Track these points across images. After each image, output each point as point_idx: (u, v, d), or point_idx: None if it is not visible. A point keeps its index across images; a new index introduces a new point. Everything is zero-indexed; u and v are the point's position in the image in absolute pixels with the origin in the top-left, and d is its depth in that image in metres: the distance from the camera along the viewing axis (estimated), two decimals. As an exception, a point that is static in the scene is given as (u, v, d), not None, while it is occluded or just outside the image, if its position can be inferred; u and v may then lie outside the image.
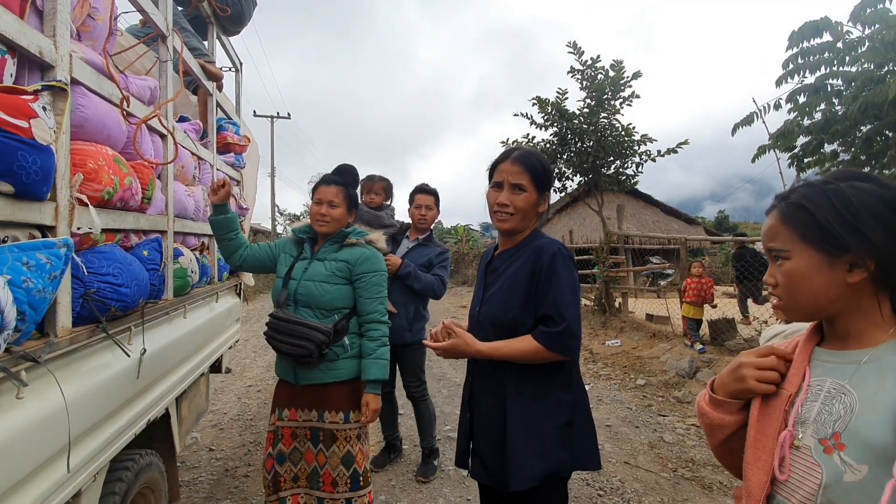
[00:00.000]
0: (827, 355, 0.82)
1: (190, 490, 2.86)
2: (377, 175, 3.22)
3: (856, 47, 4.76)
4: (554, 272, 1.36)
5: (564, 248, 1.43)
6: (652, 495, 2.91)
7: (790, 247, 0.80)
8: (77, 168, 1.28)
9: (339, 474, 1.93)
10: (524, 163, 1.43)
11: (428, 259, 3.00)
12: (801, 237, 0.79)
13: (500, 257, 1.51)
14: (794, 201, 0.81)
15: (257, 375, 5.54)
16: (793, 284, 0.80)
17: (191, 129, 2.32)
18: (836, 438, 0.73)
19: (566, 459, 1.36)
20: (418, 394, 3.07)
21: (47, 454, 1.10)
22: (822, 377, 0.80)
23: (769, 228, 0.84)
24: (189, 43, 2.45)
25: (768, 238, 0.84)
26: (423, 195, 3.07)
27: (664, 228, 17.36)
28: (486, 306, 1.48)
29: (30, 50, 1.12)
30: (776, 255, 0.83)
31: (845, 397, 0.75)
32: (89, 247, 1.40)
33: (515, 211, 1.43)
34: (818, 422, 0.77)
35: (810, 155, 5.45)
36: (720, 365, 5.41)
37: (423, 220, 3.06)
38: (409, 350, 3.01)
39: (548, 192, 1.48)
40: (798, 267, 0.79)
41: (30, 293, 1.02)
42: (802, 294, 0.80)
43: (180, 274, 2.04)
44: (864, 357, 0.76)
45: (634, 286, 9.79)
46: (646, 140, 8.15)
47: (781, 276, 0.82)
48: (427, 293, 2.95)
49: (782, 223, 0.82)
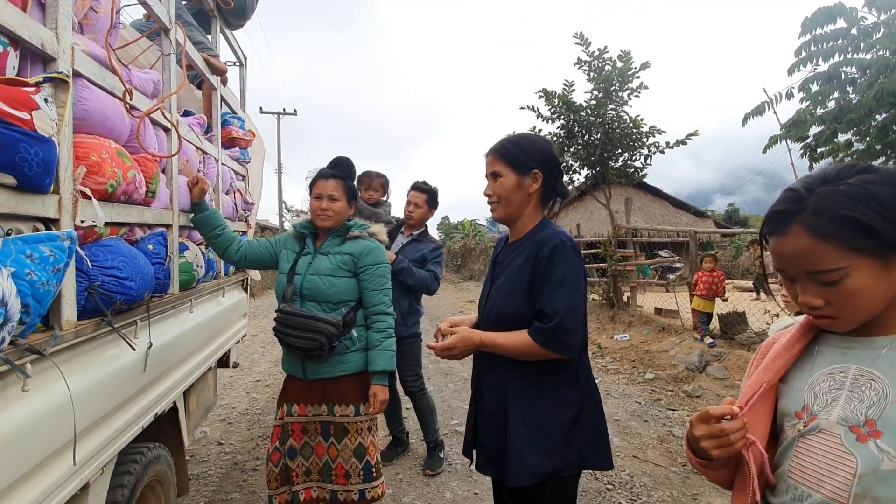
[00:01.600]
0: (847, 342, 0.79)
1: (199, 483, 2.89)
2: (374, 171, 3.24)
3: (871, 34, 4.64)
4: (552, 265, 1.32)
5: (567, 238, 1.38)
6: (661, 490, 2.89)
7: (845, 262, 0.71)
8: (80, 161, 1.27)
9: (352, 467, 1.93)
10: (496, 150, 1.45)
11: (422, 255, 3.02)
12: (853, 249, 0.71)
13: (507, 250, 1.50)
14: (830, 214, 0.72)
15: (266, 370, 5.57)
16: (857, 301, 0.73)
17: (195, 124, 2.32)
18: (871, 426, 0.71)
19: (572, 459, 1.33)
20: (416, 388, 3.08)
21: (53, 447, 1.11)
22: (845, 363, 0.77)
23: (803, 252, 0.73)
24: (192, 37, 2.44)
25: (807, 262, 0.73)
26: (415, 192, 3.12)
27: (673, 222, 17.21)
28: (491, 300, 1.46)
29: (32, 42, 1.12)
30: (824, 280, 0.73)
31: (875, 383, 0.73)
32: (94, 240, 1.40)
33: (498, 198, 1.44)
34: (847, 409, 0.74)
35: (824, 145, 5.34)
36: (730, 359, 5.35)
37: (410, 216, 3.10)
38: (405, 344, 3.01)
39: (534, 170, 1.42)
40: (861, 281, 0.72)
41: (34, 286, 1.02)
42: (866, 307, 0.73)
43: (186, 268, 2.04)
44: (887, 344, 0.74)
45: (643, 280, 9.71)
46: (654, 132, 8.05)
47: (840, 295, 0.73)
48: (420, 289, 2.97)
49: (823, 240, 0.72)
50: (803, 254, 0.74)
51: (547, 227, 1.45)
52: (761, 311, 6.27)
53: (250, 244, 2.12)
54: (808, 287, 0.76)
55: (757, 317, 6.33)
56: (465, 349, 1.39)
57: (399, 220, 3.25)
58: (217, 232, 2.06)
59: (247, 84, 3.49)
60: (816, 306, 0.75)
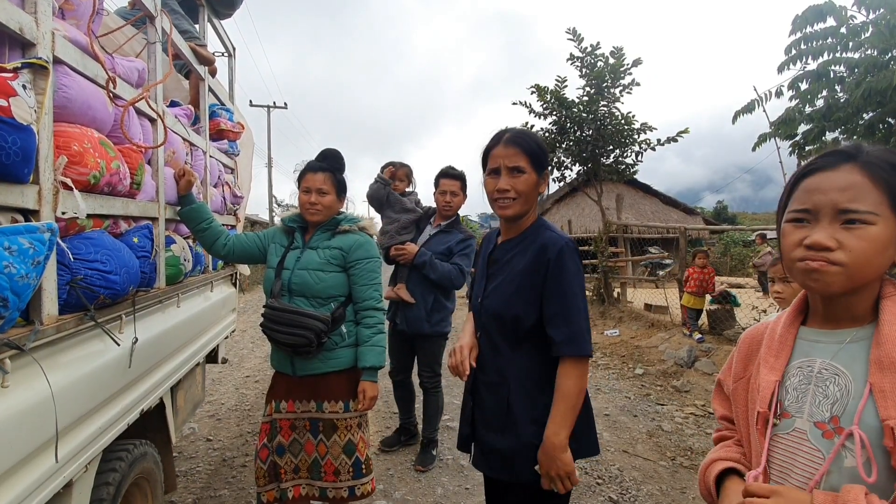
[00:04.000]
0: (815, 334, 0.78)
1: (187, 480, 2.85)
2: (399, 161, 3.19)
3: (859, 32, 4.70)
4: (562, 278, 1.31)
5: (570, 243, 1.37)
6: (650, 483, 2.91)
7: (880, 211, 0.70)
8: (61, 150, 1.23)
9: (341, 463, 1.91)
10: (519, 144, 1.35)
11: (447, 247, 2.90)
12: (892, 201, 0.70)
13: (503, 247, 1.46)
14: (887, 159, 0.71)
15: (255, 366, 5.53)
16: (870, 252, 0.70)
17: (182, 115, 2.27)
18: (836, 422, 0.71)
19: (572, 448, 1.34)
20: (430, 385, 3.04)
21: (34, 445, 1.08)
22: (811, 357, 0.77)
23: (849, 185, 0.71)
24: (179, 25, 2.39)
25: (848, 197, 0.71)
26: (448, 179, 2.92)
27: (663, 218, 17.34)
28: (488, 299, 1.44)
29: (9, 26, 1.08)
30: (853, 218, 0.70)
31: (839, 378, 0.72)
32: (76, 233, 1.36)
33: (518, 195, 1.36)
34: (813, 404, 0.73)
35: (812, 143, 5.40)
36: (718, 354, 5.41)
37: (448, 207, 2.93)
38: (428, 341, 2.97)
39: (546, 171, 1.42)
40: (882, 235, 0.70)
41: (12, 279, 0.98)
42: (871, 265, 0.71)
43: (173, 262, 2.00)
44: (849, 336, 0.74)
45: (633, 276, 9.78)
46: (645, 129, 8.08)
47: (857, 240, 0.70)
48: (444, 283, 2.84)
49: (873, 182, 0.70)
50: (848, 187, 0.71)
51: (545, 227, 1.42)
52: (749, 307, 6.35)
53: (238, 238, 2.09)
54: (826, 227, 0.72)
55: (745, 313, 6.41)
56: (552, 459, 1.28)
57: (428, 209, 3.15)
58: (204, 226, 2.02)
59: (235, 75, 3.43)
60: (827, 246, 0.71)
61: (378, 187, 3.07)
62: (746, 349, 0.89)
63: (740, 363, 0.89)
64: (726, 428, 0.95)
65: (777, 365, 0.80)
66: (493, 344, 1.42)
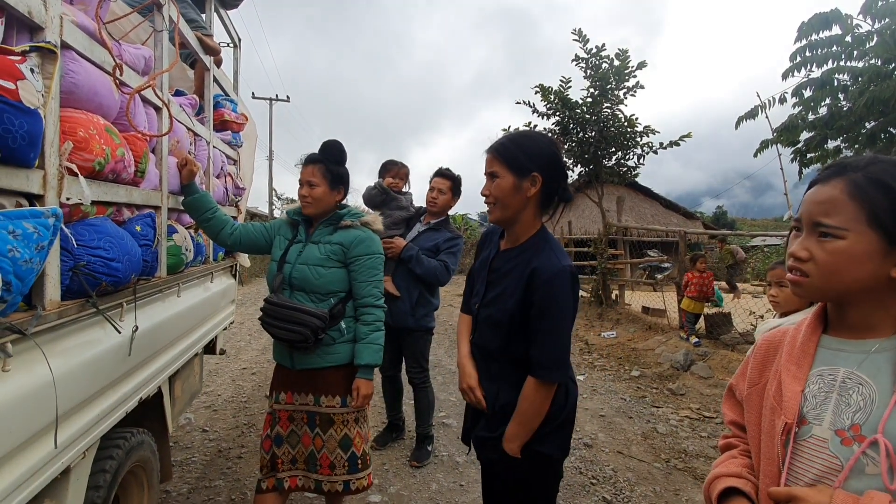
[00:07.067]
0: (838, 343, 0.78)
1: (183, 470, 2.85)
2: (399, 161, 3.25)
3: (864, 42, 4.71)
4: (551, 300, 1.30)
5: (565, 269, 1.31)
6: (644, 485, 2.92)
7: (850, 226, 0.72)
8: (67, 136, 1.23)
9: (337, 458, 1.91)
10: (495, 149, 1.39)
11: (435, 244, 2.95)
12: (869, 218, 0.71)
13: (505, 256, 1.46)
14: (874, 177, 0.72)
15: (252, 358, 5.53)
16: (836, 265, 0.73)
17: (187, 104, 2.26)
18: (856, 430, 0.71)
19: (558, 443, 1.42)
20: (419, 380, 3.07)
21: (34, 429, 1.07)
22: (835, 366, 0.77)
23: (826, 200, 0.74)
24: (186, 14, 2.38)
25: (822, 212, 0.74)
26: (439, 178, 3.03)
27: (663, 222, 17.36)
28: (486, 308, 1.45)
29: (18, 9, 1.07)
30: (825, 232, 0.73)
31: (863, 387, 0.72)
32: (80, 219, 1.36)
33: (495, 200, 1.38)
34: (835, 413, 0.74)
35: (813, 150, 5.42)
36: (714, 358, 5.43)
37: (433, 203, 3.02)
38: (413, 336, 2.99)
39: (533, 173, 1.35)
40: (852, 249, 0.72)
41: (16, 263, 0.98)
42: (841, 278, 0.73)
43: (174, 251, 2.00)
44: (874, 346, 0.74)
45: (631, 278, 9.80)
46: (648, 131, 8.09)
47: (823, 253, 0.73)
48: (429, 278, 2.90)
49: (849, 198, 0.72)
50: (825, 201, 0.74)
51: (545, 245, 1.38)
52: (746, 311, 6.37)
53: (245, 227, 2.08)
54: (804, 239, 0.77)
55: (742, 318, 6.43)
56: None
57: (419, 208, 3.22)
58: (209, 215, 2.02)
59: (240, 66, 3.42)
60: (799, 257, 0.76)
61: (375, 194, 3.15)
62: (763, 355, 0.88)
63: (756, 369, 0.88)
64: (734, 434, 0.95)
65: (800, 374, 0.79)
66: (488, 350, 1.46)
